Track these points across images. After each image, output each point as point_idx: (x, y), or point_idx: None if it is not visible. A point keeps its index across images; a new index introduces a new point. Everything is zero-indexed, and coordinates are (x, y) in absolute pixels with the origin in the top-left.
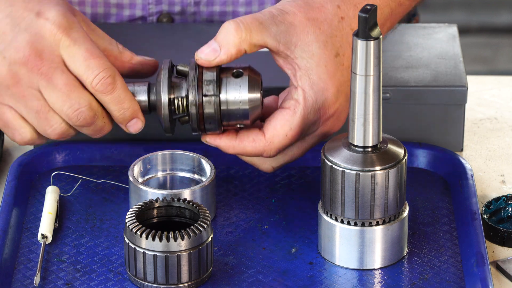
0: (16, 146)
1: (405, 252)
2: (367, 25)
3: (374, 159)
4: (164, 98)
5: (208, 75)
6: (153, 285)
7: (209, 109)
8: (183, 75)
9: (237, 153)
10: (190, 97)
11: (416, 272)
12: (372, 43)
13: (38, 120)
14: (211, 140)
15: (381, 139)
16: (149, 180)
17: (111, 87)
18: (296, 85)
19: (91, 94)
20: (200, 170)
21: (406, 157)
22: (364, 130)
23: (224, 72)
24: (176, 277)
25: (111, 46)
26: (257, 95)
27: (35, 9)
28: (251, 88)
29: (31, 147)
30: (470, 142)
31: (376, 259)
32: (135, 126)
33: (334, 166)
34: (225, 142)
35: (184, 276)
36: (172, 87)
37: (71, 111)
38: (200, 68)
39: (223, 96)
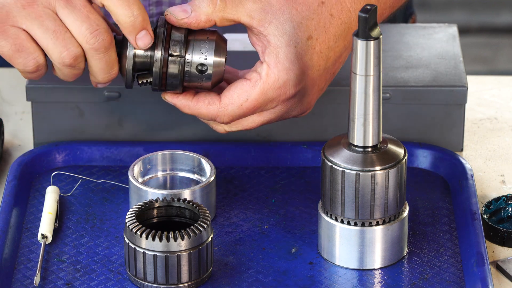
0: (16, 146)
1: (405, 252)
2: (367, 25)
3: (374, 159)
4: (130, 52)
5: (176, 36)
6: (153, 285)
7: (173, 69)
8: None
9: (192, 113)
10: (156, 55)
11: (416, 272)
12: (372, 43)
13: (54, 41)
14: (170, 98)
15: (381, 139)
16: (149, 180)
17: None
18: (262, 60)
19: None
20: (200, 170)
21: (406, 157)
22: (364, 130)
23: (192, 34)
24: (176, 277)
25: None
26: (221, 60)
27: None
28: (217, 52)
29: (31, 147)
30: (470, 142)
31: (376, 259)
32: (144, 39)
33: (334, 166)
34: (182, 102)
35: (184, 276)
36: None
37: (89, 31)
38: (169, 28)
39: (188, 57)
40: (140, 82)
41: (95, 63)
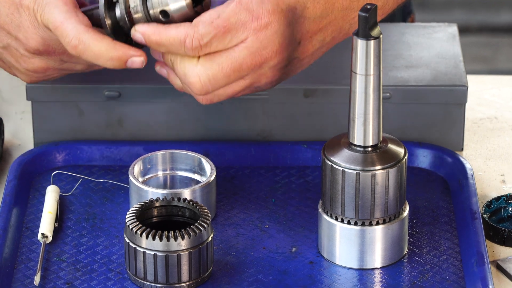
0: (17, 146)
1: (405, 252)
2: (367, 25)
3: (374, 158)
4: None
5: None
6: (153, 284)
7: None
8: None
9: (159, 41)
10: None
11: (416, 271)
12: (372, 42)
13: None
14: (139, 27)
15: (381, 139)
16: (149, 180)
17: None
18: None
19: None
20: (200, 170)
21: (406, 157)
22: (364, 130)
23: None
24: (176, 276)
25: None
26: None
27: None
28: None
29: (31, 146)
30: (470, 141)
31: (376, 259)
32: (134, 65)
33: (334, 165)
34: (152, 28)
35: (184, 275)
36: None
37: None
38: None
39: (150, 11)
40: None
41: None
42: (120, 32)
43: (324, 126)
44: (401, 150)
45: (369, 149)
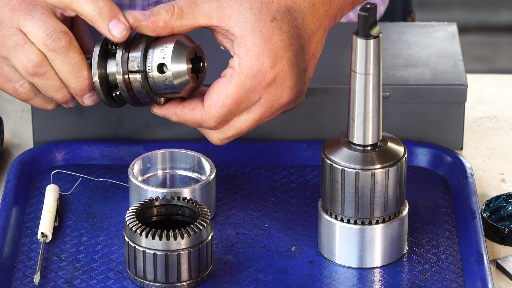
0: (16, 145)
1: (405, 251)
2: (366, 24)
3: (374, 157)
4: (95, 78)
5: (135, 50)
6: (153, 283)
7: (136, 86)
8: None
9: (179, 121)
10: (117, 76)
11: (416, 270)
12: (371, 41)
13: (15, 55)
14: (157, 110)
15: (380, 138)
16: (149, 179)
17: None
18: (233, 54)
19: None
20: (200, 169)
21: (405, 156)
22: (364, 129)
23: (153, 43)
24: (176, 275)
25: None
26: (182, 66)
27: None
28: (175, 59)
29: (31, 145)
30: (470, 140)
31: (376, 258)
32: (117, 27)
33: (334, 164)
34: (169, 110)
35: (184, 274)
36: (104, 64)
37: (45, 33)
38: (129, 44)
39: (149, 70)
40: (115, 94)
41: (60, 68)
42: (109, 85)
43: (324, 125)
44: (400, 149)
45: (369, 148)
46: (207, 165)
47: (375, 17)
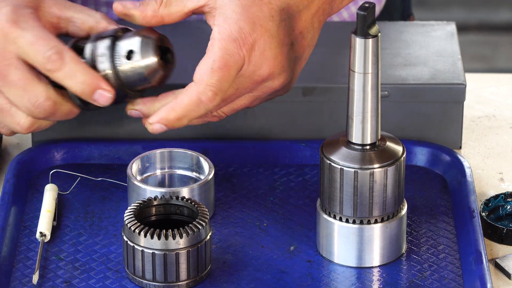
0: (15, 144)
1: (403, 250)
2: (365, 23)
3: (373, 157)
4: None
5: (101, 48)
6: (151, 283)
7: (110, 83)
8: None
9: (180, 114)
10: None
11: (415, 270)
12: (370, 40)
13: (5, 118)
14: (154, 118)
15: (379, 137)
16: (148, 178)
17: (59, 63)
18: (212, 27)
19: (49, 83)
20: (198, 168)
21: (404, 155)
22: (363, 128)
23: (119, 38)
24: (175, 275)
25: (88, 17)
26: (149, 50)
27: None
28: (143, 45)
29: (30, 145)
30: (469, 139)
31: (375, 257)
32: (101, 98)
33: (332, 164)
34: (166, 109)
35: (183, 274)
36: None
37: (30, 104)
38: (95, 42)
39: (118, 67)
40: None
41: (52, 119)
42: None
43: (322, 124)
44: (399, 148)
45: (367, 147)
46: (205, 164)
47: (373, 16)
